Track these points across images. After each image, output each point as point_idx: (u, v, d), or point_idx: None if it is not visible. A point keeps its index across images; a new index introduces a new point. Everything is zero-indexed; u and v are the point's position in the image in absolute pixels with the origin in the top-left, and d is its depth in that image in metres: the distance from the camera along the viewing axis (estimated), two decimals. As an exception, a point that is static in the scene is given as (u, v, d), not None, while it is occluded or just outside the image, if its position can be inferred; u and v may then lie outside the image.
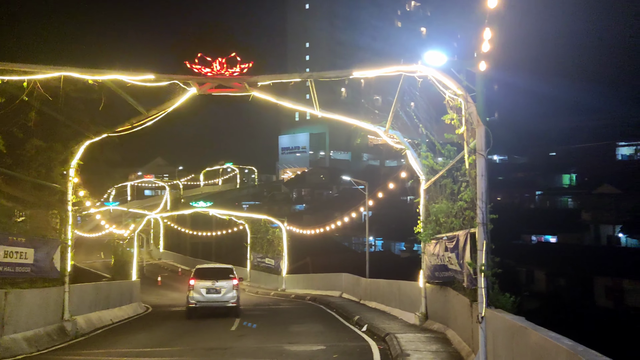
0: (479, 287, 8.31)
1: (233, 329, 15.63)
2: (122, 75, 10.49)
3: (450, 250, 10.47)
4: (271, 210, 66.50)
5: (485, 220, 8.29)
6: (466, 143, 8.78)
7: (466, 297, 9.99)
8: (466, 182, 9.28)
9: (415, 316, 14.78)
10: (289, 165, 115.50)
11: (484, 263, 8.26)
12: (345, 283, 26.64)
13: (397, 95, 10.81)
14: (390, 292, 19.10)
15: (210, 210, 39.13)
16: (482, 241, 8.29)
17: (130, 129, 13.17)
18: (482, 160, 8.21)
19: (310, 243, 56.91)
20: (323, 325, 16.39)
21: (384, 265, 44.51)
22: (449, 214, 10.96)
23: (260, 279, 38.66)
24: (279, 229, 35.50)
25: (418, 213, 14.39)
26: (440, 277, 12.27)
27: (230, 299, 18.79)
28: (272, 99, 12.21)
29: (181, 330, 16.12)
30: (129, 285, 21.45)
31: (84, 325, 15.45)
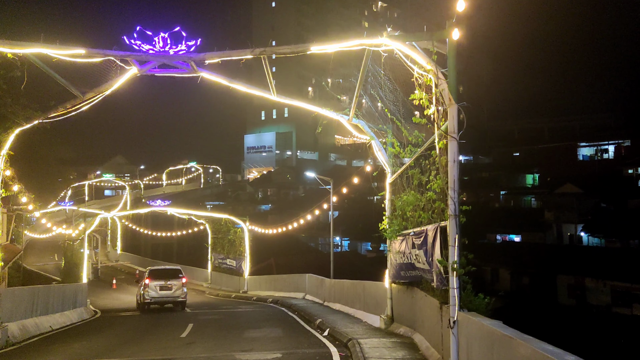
0: (451, 288, 7.36)
1: (183, 336, 14.33)
2: (47, 49, 9.14)
3: (418, 247, 9.51)
4: (235, 211, 64.94)
5: (457, 212, 7.34)
6: (436, 125, 7.83)
7: (435, 299, 9.05)
8: (436, 169, 8.33)
9: (381, 319, 13.81)
10: (254, 164, 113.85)
11: (456, 260, 7.32)
12: (309, 284, 25.58)
13: (360, 76, 9.80)
14: (354, 294, 18.12)
15: (169, 209, 37.46)
16: (454, 236, 7.34)
17: (65, 114, 11.77)
18: (454, 144, 7.27)
19: (275, 244, 55.79)
20: (282, 329, 15.26)
21: (350, 265, 43.74)
22: (416, 207, 10.00)
23: (222, 280, 37.22)
24: (241, 229, 34.17)
25: (384, 209, 13.44)
26: (407, 277, 11.31)
27: (180, 294, 22.06)
28: (223, 81, 11.02)
29: (125, 337, 14.74)
30: (72, 288, 19.82)
31: (17, 333, 13.92)
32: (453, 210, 7.30)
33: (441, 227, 8.05)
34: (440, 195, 8.16)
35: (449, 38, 6.97)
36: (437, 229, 8.16)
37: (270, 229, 32.45)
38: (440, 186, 8.01)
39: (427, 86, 7.96)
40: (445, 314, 8.11)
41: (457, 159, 7.27)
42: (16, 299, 14.26)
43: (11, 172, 13.95)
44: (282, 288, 29.02)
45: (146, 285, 21.59)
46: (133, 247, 61.03)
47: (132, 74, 10.67)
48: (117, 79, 10.82)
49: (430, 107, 7.94)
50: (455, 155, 7.26)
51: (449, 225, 7.48)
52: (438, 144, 7.83)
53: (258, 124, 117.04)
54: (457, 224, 7.32)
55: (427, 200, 9.09)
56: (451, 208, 7.32)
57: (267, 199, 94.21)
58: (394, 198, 12.63)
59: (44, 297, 16.53)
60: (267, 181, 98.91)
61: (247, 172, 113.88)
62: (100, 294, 35.28)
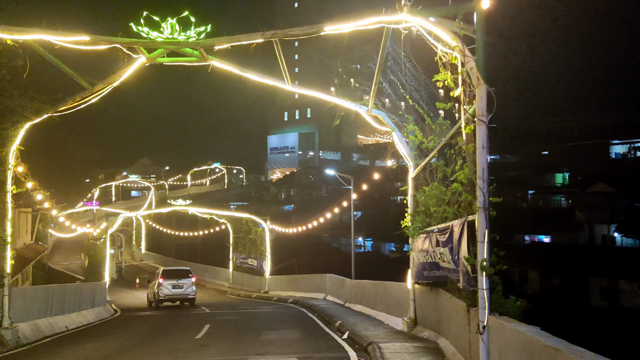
0: (479, 289, 6.63)
1: (198, 337, 13.83)
2: (49, 36, 8.69)
3: (442, 245, 8.78)
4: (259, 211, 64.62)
5: (487, 204, 6.60)
6: (462, 108, 7.11)
7: (462, 301, 8.31)
8: (462, 158, 7.59)
9: (403, 322, 13.07)
10: (277, 165, 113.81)
11: (486, 258, 6.58)
12: (330, 285, 24.93)
13: (379, 60, 9.11)
14: (375, 295, 17.40)
15: (190, 209, 37.24)
16: (482, 231, 6.60)
17: (75, 107, 11.36)
18: (482, 129, 6.53)
19: (297, 244, 55.36)
20: (300, 331, 14.64)
21: (373, 265, 42.91)
22: (440, 201, 9.26)
23: (243, 280, 36.83)
24: (262, 229, 33.71)
25: (406, 205, 12.71)
26: (431, 277, 10.57)
27: (191, 292, 24.37)
28: (234, 70, 10.46)
29: (139, 338, 14.31)
30: (90, 287, 19.55)
31: (30, 334, 13.62)
32: (482, 203, 6.56)
33: (468, 221, 7.31)
34: (467, 186, 7.43)
35: (477, 8, 6.25)
36: (464, 224, 7.43)
37: (290, 228, 31.93)
38: (467, 176, 7.27)
39: (452, 65, 7.23)
40: (473, 317, 7.37)
41: (486, 145, 6.53)
42: (28, 298, 13.96)
43: (24, 169, 13.65)
44: (302, 288, 28.44)
45: (160, 284, 23.83)
46: (158, 247, 61.21)
47: (140, 63, 10.19)
48: (126, 69, 10.35)
49: (456, 89, 7.23)
50: (485, 141, 6.53)
51: (477, 219, 6.74)
52: (465, 129, 7.10)
53: (281, 125, 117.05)
54: (487, 218, 6.58)
55: (453, 193, 8.36)
56: (480, 200, 6.59)
57: (290, 199, 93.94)
58: (417, 193, 11.89)
59: (60, 297, 16.24)
60: (290, 182, 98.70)
61: (271, 173, 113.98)
62: (123, 292, 35.32)
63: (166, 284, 23.83)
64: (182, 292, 24.02)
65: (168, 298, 23.89)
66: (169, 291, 23.77)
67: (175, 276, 24.29)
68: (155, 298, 24.01)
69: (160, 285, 23.84)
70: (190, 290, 24.25)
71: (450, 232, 8.22)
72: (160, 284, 23.85)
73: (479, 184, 6.57)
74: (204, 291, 36.97)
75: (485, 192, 6.53)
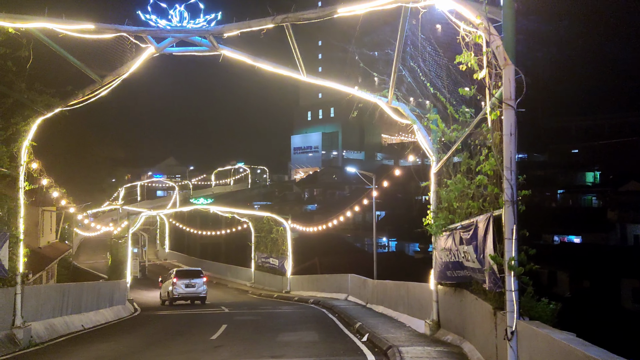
0: (507, 290, 6.02)
1: (213, 338, 13.44)
2: (52, 24, 8.36)
3: (466, 243, 8.16)
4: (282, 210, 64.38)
5: (515, 198, 5.98)
6: (488, 92, 6.51)
7: (488, 303, 7.69)
8: (488, 148, 6.97)
9: (426, 324, 12.45)
10: (301, 165, 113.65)
11: (514, 257, 5.96)
12: (352, 285, 24.37)
13: (397, 46, 8.53)
14: (397, 296, 16.79)
15: (211, 208, 37.10)
16: (510, 226, 5.99)
17: (85, 101, 11.07)
18: (510, 114, 5.92)
19: (320, 243, 54.86)
20: (318, 333, 14.13)
21: (396, 266, 42.17)
22: (464, 196, 8.64)
23: (265, 280, 36.49)
24: (283, 228, 33.31)
25: (428, 202, 12.11)
26: (454, 277, 9.94)
27: (202, 291, 25.85)
28: (246, 59, 10.01)
29: (154, 338, 14.01)
30: (109, 286, 19.37)
31: (44, 333, 13.41)
32: (509, 195, 5.95)
33: (494, 217, 6.70)
34: (493, 179, 6.82)
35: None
36: (489, 219, 6.81)
37: (311, 227, 31.44)
38: (493, 167, 6.67)
39: (475, 46, 6.63)
40: (500, 321, 6.76)
41: (514, 132, 5.92)
42: (42, 297, 13.76)
43: (38, 165, 13.46)
44: (324, 288, 27.95)
45: (174, 284, 25.43)
46: (183, 247, 61.42)
47: (149, 53, 9.82)
48: (135, 60, 10.00)
49: (480, 72, 6.62)
50: (512, 127, 5.92)
51: (504, 214, 6.13)
52: (490, 115, 6.50)
53: (304, 125, 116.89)
54: (515, 212, 5.97)
55: (477, 186, 7.74)
56: (507, 193, 5.97)
57: (313, 199, 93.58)
58: (440, 189, 11.27)
59: (76, 295, 16.05)
60: (313, 181, 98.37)
61: (294, 173, 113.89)
62: (145, 291, 35.35)
63: (180, 283, 25.45)
64: (194, 290, 25.64)
65: (182, 296, 25.62)
66: (183, 290, 25.44)
67: (188, 276, 26.03)
68: (170, 297, 25.68)
69: (174, 284, 25.41)
70: (202, 289, 25.84)
71: (475, 229, 7.61)
72: (174, 283, 25.42)
73: (506, 175, 5.96)
74: (225, 290, 36.80)
75: (514, 184, 5.93)
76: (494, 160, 6.54)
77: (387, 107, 11.58)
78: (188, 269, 28.50)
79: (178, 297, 25.62)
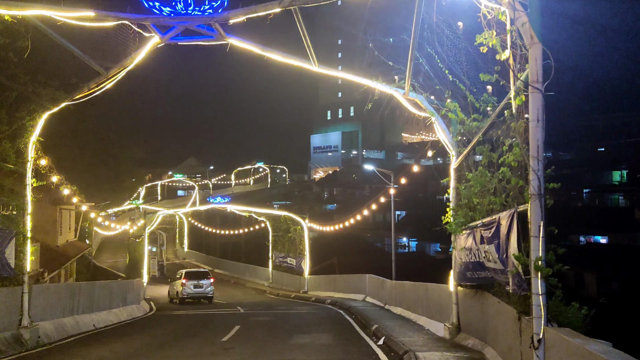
0: (533, 294, 5.42)
1: (224, 340, 13.02)
2: (50, 11, 8.00)
3: (488, 242, 7.55)
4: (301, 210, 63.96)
5: (542, 191, 5.38)
6: (512, 75, 5.91)
7: (511, 307, 7.08)
8: (511, 138, 6.37)
9: (445, 327, 11.82)
10: (320, 164, 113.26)
11: (541, 256, 5.36)
12: (370, 285, 23.78)
13: (413, 30, 7.95)
14: (416, 297, 16.16)
15: (228, 207, 36.84)
16: (537, 222, 5.39)
17: (90, 94, 10.74)
18: (537, 98, 5.33)
19: (339, 243, 54.27)
20: (333, 335, 13.61)
21: (417, 266, 41.33)
22: (485, 191, 8.03)
23: (283, 280, 36.07)
24: (300, 227, 32.85)
25: (448, 199, 11.49)
26: (475, 279, 9.32)
27: (209, 291, 27.42)
28: (254, 49, 9.54)
29: (163, 339, 13.64)
30: (122, 285, 19.11)
31: (52, 333, 13.15)
32: (536, 188, 5.35)
33: (519, 212, 6.09)
34: (517, 171, 6.21)
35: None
36: (513, 215, 6.21)
37: (328, 226, 30.90)
38: (517, 158, 6.07)
39: (498, 24, 6.04)
40: (525, 327, 6.15)
41: (541, 118, 5.32)
42: (51, 296, 13.50)
43: (47, 162, 13.21)
44: (342, 289, 27.41)
45: (184, 284, 26.90)
46: (202, 246, 61.33)
47: (153, 43, 9.42)
48: (139, 51, 9.61)
49: (504, 52, 6.02)
50: (539, 112, 5.32)
51: (530, 209, 5.53)
52: (515, 100, 5.90)
53: (324, 124, 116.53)
54: (543, 207, 5.36)
55: (500, 180, 7.13)
56: (533, 185, 5.37)
57: (333, 198, 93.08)
58: (459, 185, 10.65)
59: (87, 295, 15.80)
60: (332, 181, 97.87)
61: (314, 172, 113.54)
62: (163, 290, 35.14)
63: (189, 284, 27.00)
64: (202, 291, 27.20)
65: (190, 296, 27.03)
66: (191, 290, 26.94)
67: (196, 277, 27.65)
68: (179, 296, 27.09)
69: (184, 285, 26.95)
70: (209, 290, 27.42)
71: (497, 226, 7.00)
72: (183, 284, 26.94)
73: (532, 166, 5.36)
74: (243, 290, 36.48)
75: (540, 175, 5.32)
76: (518, 151, 5.94)
77: (404, 99, 11.00)
78: (196, 270, 30.14)
79: (187, 297, 26.95)
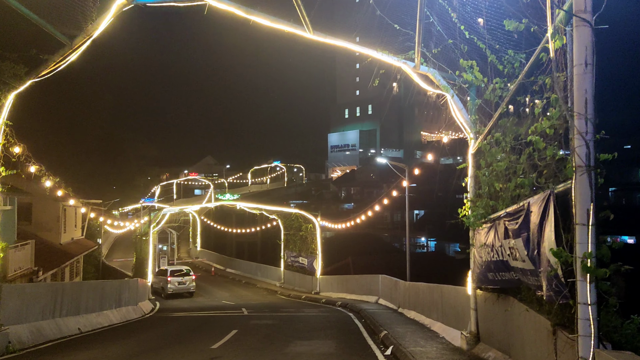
0: (580, 303, 3.90)
1: (214, 347, 11.67)
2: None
3: (514, 235, 6.04)
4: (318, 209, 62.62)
5: (593, 161, 3.87)
6: (549, 7, 4.42)
7: (544, 317, 5.57)
8: (546, 100, 4.87)
9: (462, 336, 10.29)
10: (338, 163, 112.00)
11: (591, 252, 3.85)
12: (383, 287, 22.27)
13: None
14: (431, 300, 14.62)
15: (237, 204, 35.59)
16: (585, 205, 3.89)
17: (56, 69, 9.47)
18: (585, 33, 3.84)
19: (356, 242, 52.76)
20: (336, 343, 12.16)
21: (435, 267, 39.58)
22: (510, 174, 6.51)
23: (295, 280, 34.68)
24: (312, 225, 31.43)
25: (465, 190, 9.97)
26: (497, 281, 7.80)
27: (191, 287, 30.90)
28: (237, 11, 8.14)
29: (148, 345, 12.35)
30: (116, 286, 17.88)
31: (27, 338, 11.95)
32: (584, 157, 3.85)
33: (556, 194, 4.59)
34: (554, 140, 4.72)
35: None
36: (549, 198, 4.70)
37: (339, 223, 29.43)
38: (554, 124, 4.57)
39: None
40: (564, 346, 4.64)
41: (591, 60, 3.84)
42: (27, 297, 12.29)
43: (22, 149, 12.01)
44: (354, 290, 25.93)
45: (168, 281, 30.10)
46: (218, 245, 60.36)
47: (118, 5, 8.11)
48: (103, 16, 8.30)
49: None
50: (588, 53, 3.83)
51: (574, 187, 4.04)
52: (553, 42, 4.42)
53: (342, 123, 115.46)
54: (593, 184, 3.86)
55: (529, 156, 5.62)
56: (580, 154, 3.88)
57: (350, 197, 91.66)
58: (479, 172, 9.12)
59: (73, 295, 14.58)
60: (350, 180, 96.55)
61: (331, 171, 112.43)
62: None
63: (173, 280, 30.24)
64: (185, 287, 30.54)
65: (174, 292, 30.11)
66: (175, 287, 30.21)
67: (179, 275, 30.91)
68: (165, 292, 30.08)
69: (168, 282, 30.04)
70: (191, 286, 30.87)
71: (526, 215, 5.49)
72: (168, 281, 30.06)
73: (577, 127, 3.87)
74: (254, 291, 35.19)
75: (590, 138, 3.83)
76: (556, 111, 4.44)
77: (414, 73, 9.52)
78: (179, 268, 32.55)
79: (171, 293, 29.91)
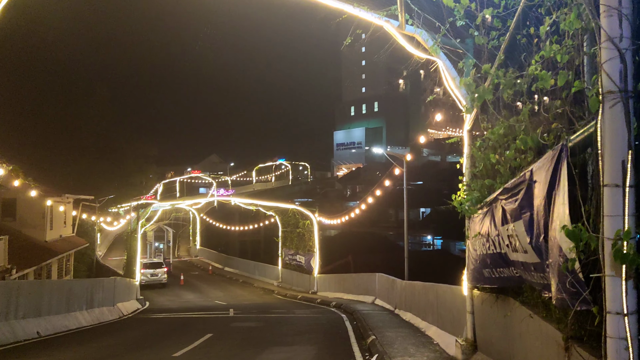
0: (611, 313, 2.41)
1: (178, 355, 10.27)
2: None
3: (513, 217, 4.55)
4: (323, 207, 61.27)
5: (631, 84, 2.40)
6: None
7: (553, 326, 4.09)
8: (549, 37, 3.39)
9: (457, 344, 8.80)
10: (344, 161, 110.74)
11: (630, 230, 2.37)
12: (380, 286, 20.80)
13: None
14: (426, 301, 13.12)
15: (232, 199, 34.22)
16: (620, 154, 2.40)
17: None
18: None
19: (359, 240, 51.37)
20: (317, 349, 10.74)
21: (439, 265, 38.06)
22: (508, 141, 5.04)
23: (292, 279, 33.26)
24: (310, 221, 29.99)
25: (461, 173, 8.49)
26: (495, 279, 6.29)
27: (163, 278, 32.92)
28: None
29: (107, 352, 10.98)
30: (87, 285, 16.48)
31: (-29, 341, 10.61)
32: (617, 77, 2.37)
33: (569, 149, 3.11)
34: (568, 65, 3.24)
35: None
36: (560, 155, 3.22)
37: (336, 218, 27.98)
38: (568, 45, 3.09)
39: None
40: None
41: None
42: (-31, 296, 10.97)
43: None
44: (351, 289, 24.48)
45: (142, 273, 30.57)
46: (219, 244, 59.18)
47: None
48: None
49: None
50: None
51: (601, 126, 2.55)
52: None
53: (347, 120, 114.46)
54: (632, 120, 2.39)
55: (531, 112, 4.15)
56: (611, 72, 2.41)
57: (356, 195, 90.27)
58: (475, 150, 7.64)
59: (32, 296, 13.23)
60: (355, 178, 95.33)
61: (337, 169, 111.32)
62: (163, 290, 32.73)
63: (146, 272, 31.79)
64: (157, 278, 32.56)
65: (147, 283, 31.52)
66: (148, 278, 31.87)
67: (152, 267, 32.87)
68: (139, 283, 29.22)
69: (142, 273, 30.38)
70: (163, 277, 32.89)
71: (528, 188, 4.00)
72: (142, 272, 30.38)
73: (607, 30, 2.40)
74: (250, 290, 33.76)
75: (628, 49, 2.36)
76: (573, 16, 2.94)
77: (398, 33, 8.07)
78: (152, 261, 34.37)
79: (144, 284, 30.85)
